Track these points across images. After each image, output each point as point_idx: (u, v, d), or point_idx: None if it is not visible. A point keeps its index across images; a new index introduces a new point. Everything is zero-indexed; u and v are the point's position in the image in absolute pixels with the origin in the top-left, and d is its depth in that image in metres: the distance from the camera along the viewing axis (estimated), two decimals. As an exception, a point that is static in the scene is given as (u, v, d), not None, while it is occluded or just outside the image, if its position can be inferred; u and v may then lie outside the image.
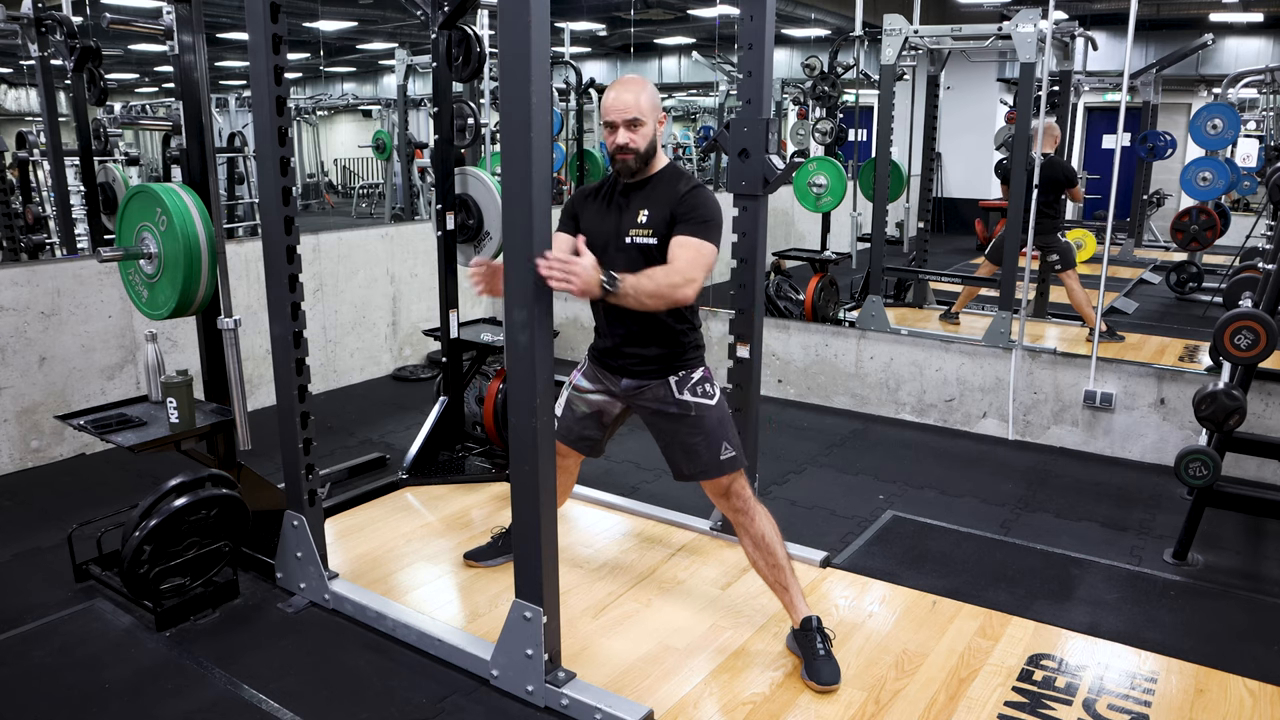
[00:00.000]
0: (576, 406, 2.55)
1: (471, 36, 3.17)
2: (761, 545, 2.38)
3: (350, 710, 2.20)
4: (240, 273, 4.24)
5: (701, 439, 2.35)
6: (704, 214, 2.23)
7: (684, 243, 2.20)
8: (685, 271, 2.16)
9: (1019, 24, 4.82)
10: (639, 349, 2.37)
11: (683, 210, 2.23)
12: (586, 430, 2.55)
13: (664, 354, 2.35)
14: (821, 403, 4.74)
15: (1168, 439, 3.85)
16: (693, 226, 2.21)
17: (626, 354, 2.38)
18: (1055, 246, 5.33)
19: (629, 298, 2.09)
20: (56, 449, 3.85)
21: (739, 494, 2.37)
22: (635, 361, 2.38)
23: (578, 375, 2.56)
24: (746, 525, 2.38)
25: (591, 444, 2.58)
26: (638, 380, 2.39)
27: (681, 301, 2.17)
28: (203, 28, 2.55)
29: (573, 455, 2.63)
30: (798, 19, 8.87)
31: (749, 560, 2.43)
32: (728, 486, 2.37)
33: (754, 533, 2.38)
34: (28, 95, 5.14)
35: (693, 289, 2.16)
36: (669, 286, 2.13)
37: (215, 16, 6.68)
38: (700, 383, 2.38)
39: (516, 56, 1.86)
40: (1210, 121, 6.13)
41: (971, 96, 9.86)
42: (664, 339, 2.35)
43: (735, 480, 2.37)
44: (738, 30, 2.70)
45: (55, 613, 2.64)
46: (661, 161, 2.32)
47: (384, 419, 4.48)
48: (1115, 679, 2.31)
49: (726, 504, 2.40)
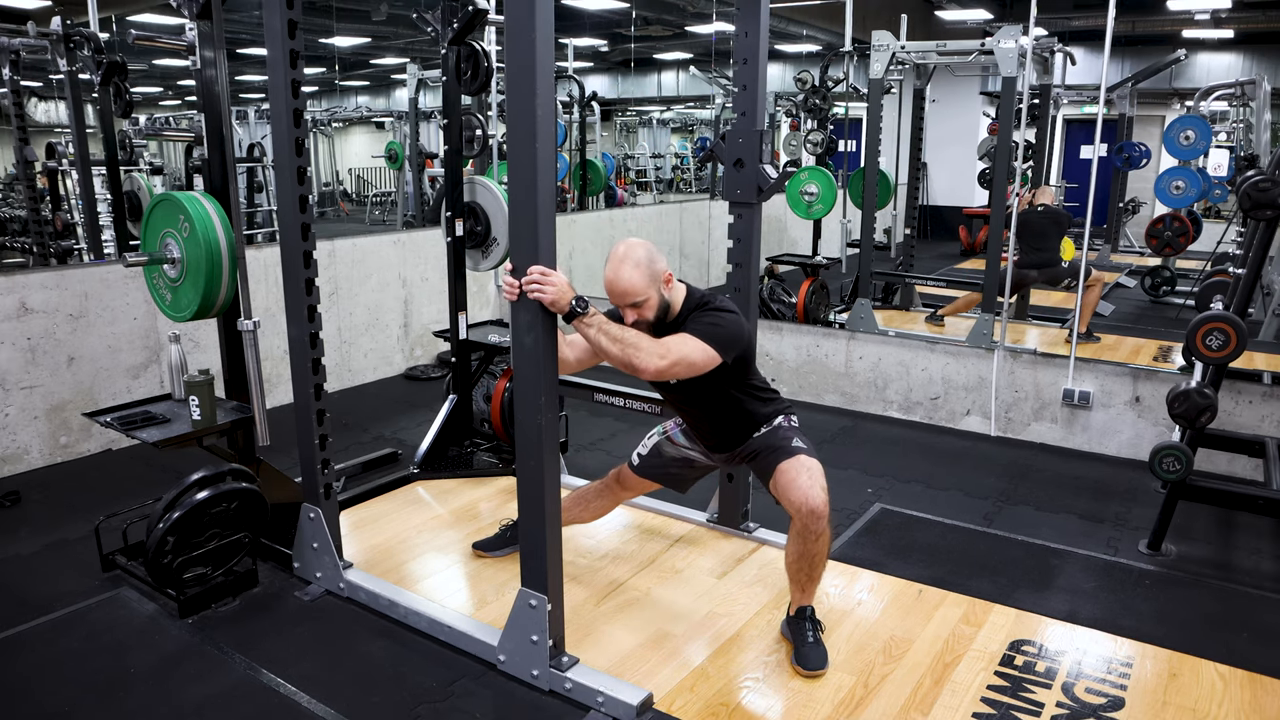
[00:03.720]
0: (667, 451, 2.61)
1: (480, 52, 3.19)
2: (808, 559, 2.31)
3: (364, 693, 2.23)
4: (259, 277, 4.26)
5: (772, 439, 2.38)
6: (710, 320, 2.20)
7: (678, 334, 2.17)
8: (657, 347, 2.10)
9: (1001, 40, 4.91)
10: (720, 434, 2.45)
11: (693, 319, 2.22)
12: (676, 470, 2.62)
13: (748, 424, 2.42)
14: (813, 401, 4.78)
15: (1143, 435, 3.90)
16: (692, 327, 2.19)
17: (711, 438, 2.48)
18: (1062, 274, 5.52)
19: (590, 330, 2.07)
20: (84, 445, 3.89)
21: (815, 509, 2.21)
22: (721, 442, 2.48)
23: (674, 429, 2.62)
24: (809, 541, 2.27)
25: (679, 481, 2.65)
26: (727, 453, 2.49)
27: (638, 370, 2.08)
28: (223, 44, 2.58)
29: (637, 489, 2.69)
30: (790, 35, 8.95)
31: (786, 560, 2.37)
32: (805, 495, 2.21)
33: (809, 549, 2.28)
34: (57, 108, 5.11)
35: (653, 367, 2.07)
36: (632, 349, 2.07)
37: (235, 33, 6.74)
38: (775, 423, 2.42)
39: (522, 71, 1.88)
40: (1183, 133, 6.24)
41: (956, 109, 9.96)
42: (740, 422, 2.41)
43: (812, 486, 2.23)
44: (733, 46, 2.72)
45: (83, 601, 2.67)
46: (680, 299, 2.29)
47: (396, 416, 4.51)
48: (1093, 664, 2.35)
49: (801, 516, 2.24)
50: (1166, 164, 7.28)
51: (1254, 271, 3.07)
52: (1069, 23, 8.98)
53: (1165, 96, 10.42)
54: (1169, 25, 9.25)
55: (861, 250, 5.60)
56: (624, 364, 2.10)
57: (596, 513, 2.80)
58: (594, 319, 2.09)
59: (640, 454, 2.66)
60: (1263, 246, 3.08)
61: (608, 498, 2.76)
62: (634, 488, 2.71)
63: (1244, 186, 2.94)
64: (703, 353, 2.15)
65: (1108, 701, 2.20)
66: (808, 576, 2.37)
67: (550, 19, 1.90)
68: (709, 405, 2.40)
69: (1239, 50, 10.02)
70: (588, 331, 2.10)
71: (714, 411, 2.41)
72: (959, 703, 2.20)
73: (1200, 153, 6.47)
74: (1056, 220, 5.53)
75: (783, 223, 8.36)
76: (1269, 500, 2.95)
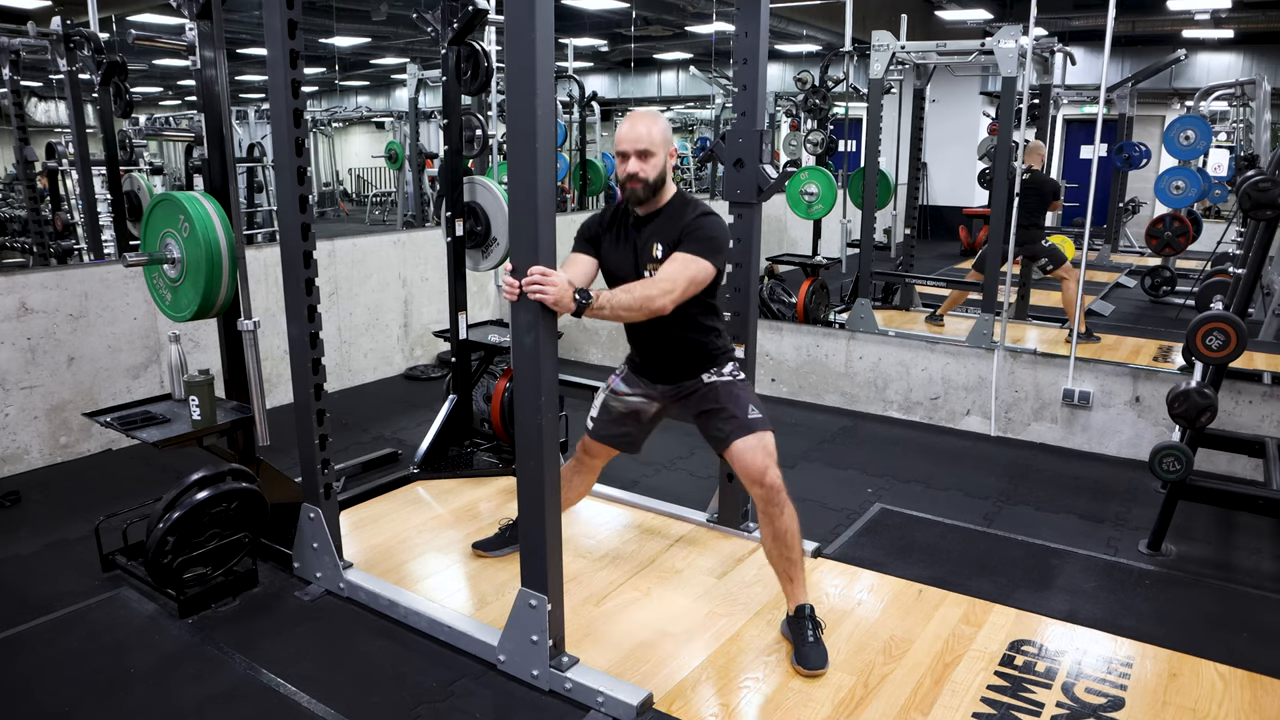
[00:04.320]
0: (613, 408, 2.62)
1: (479, 52, 3.19)
2: (781, 538, 2.36)
3: (364, 693, 2.23)
4: (259, 277, 4.25)
5: (728, 401, 2.42)
6: (706, 233, 2.28)
7: (675, 257, 2.25)
8: (662, 283, 2.18)
9: (1001, 40, 4.91)
10: (672, 360, 2.48)
11: (688, 232, 2.28)
12: (624, 427, 2.63)
13: (695, 360, 2.47)
14: (813, 401, 4.79)
15: (1143, 435, 3.90)
16: (691, 245, 2.26)
17: (662, 366, 2.50)
18: (1041, 251, 5.45)
19: (604, 310, 2.12)
20: (84, 445, 3.89)
21: (773, 484, 2.32)
22: (670, 370, 2.50)
23: (616, 380, 2.64)
24: (775, 516, 2.35)
25: (629, 440, 2.65)
26: (674, 384, 2.51)
27: (657, 312, 2.17)
28: (223, 44, 2.57)
29: (603, 455, 2.70)
30: (790, 35, 8.96)
31: (764, 549, 2.43)
32: (764, 470, 2.32)
33: (778, 526, 2.35)
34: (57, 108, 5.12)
35: (669, 299, 2.17)
36: (644, 299, 2.16)
37: (235, 33, 6.75)
38: (726, 371, 2.49)
39: (522, 71, 1.88)
40: (1183, 133, 6.25)
41: (956, 109, 9.98)
42: (692, 349, 2.46)
43: (770, 465, 2.33)
44: (733, 46, 2.73)
45: (83, 601, 2.67)
46: (670, 192, 2.37)
47: (396, 416, 4.52)
48: (1093, 664, 2.35)
49: (761, 491, 2.34)
50: (1166, 164, 7.30)
51: (1254, 271, 3.07)
52: (1069, 23, 8.99)
53: (1165, 96, 10.44)
54: (1169, 25, 9.27)
55: (861, 250, 5.61)
56: (645, 312, 2.17)
57: (580, 490, 2.80)
58: (601, 299, 2.12)
59: (593, 416, 2.68)
60: (1263, 246, 3.08)
61: (584, 472, 2.76)
62: (599, 454, 2.71)
63: (1244, 186, 2.95)
64: (703, 269, 2.26)
65: (1108, 701, 2.20)
66: (787, 559, 2.39)
67: (550, 19, 1.90)
68: (668, 326, 2.37)
69: (1239, 50, 10.03)
70: (601, 312, 2.12)
71: (671, 334, 2.42)
72: (959, 703, 2.20)
73: (1200, 153, 6.49)
74: (1039, 188, 5.28)
75: (783, 223, 8.37)
76: (1269, 500, 2.95)
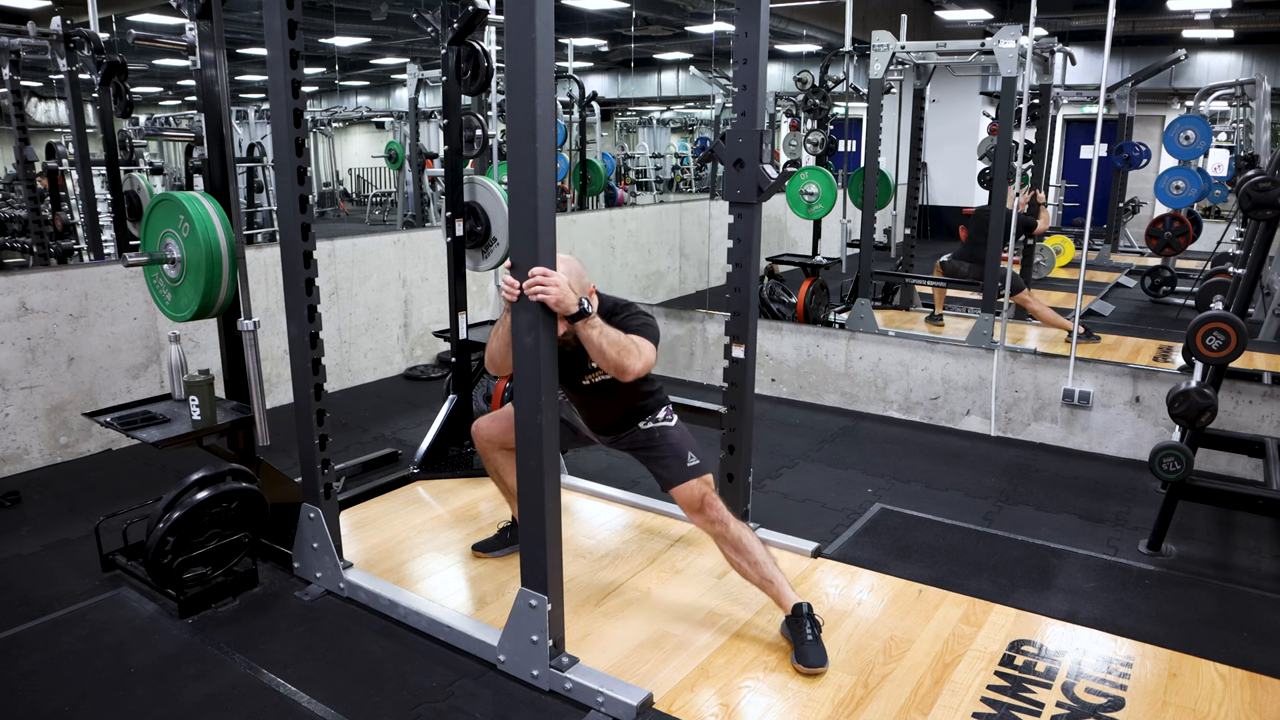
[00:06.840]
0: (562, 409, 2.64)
1: (479, 52, 3.19)
2: (740, 548, 2.43)
3: (365, 693, 2.23)
4: (259, 277, 4.27)
5: (668, 450, 2.52)
6: (642, 322, 2.39)
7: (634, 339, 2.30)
8: (644, 355, 2.28)
9: (1001, 40, 4.91)
10: (612, 418, 2.59)
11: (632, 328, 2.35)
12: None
13: (633, 415, 2.58)
14: (813, 401, 4.79)
15: (1142, 435, 3.91)
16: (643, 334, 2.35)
17: (601, 420, 2.62)
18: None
19: (594, 331, 2.17)
20: (84, 445, 3.89)
21: (711, 505, 2.44)
22: (610, 425, 2.61)
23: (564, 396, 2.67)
24: (723, 533, 2.43)
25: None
26: (612, 436, 2.62)
27: (623, 371, 2.24)
28: (223, 44, 2.58)
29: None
30: (790, 35, 8.94)
31: (732, 566, 2.47)
32: (701, 499, 2.44)
33: (731, 538, 2.43)
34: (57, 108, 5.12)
35: (640, 366, 2.26)
36: (627, 350, 2.22)
37: (235, 33, 6.74)
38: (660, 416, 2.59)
39: (522, 71, 1.88)
40: (1183, 133, 6.24)
41: (956, 109, 9.96)
42: (631, 409, 2.57)
43: (706, 493, 2.45)
44: (733, 46, 2.70)
45: (83, 600, 2.67)
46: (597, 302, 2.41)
47: (396, 416, 4.52)
48: (1092, 664, 2.36)
49: (702, 518, 2.45)
50: (1166, 164, 7.28)
51: (1254, 271, 3.08)
52: (1069, 23, 8.99)
53: (1165, 96, 10.44)
54: (1169, 25, 9.26)
55: (861, 250, 5.62)
56: (616, 364, 2.24)
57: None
58: (597, 321, 2.19)
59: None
60: (1263, 246, 3.09)
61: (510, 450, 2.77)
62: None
63: (1244, 186, 2.95)
64: (652, 350, 2.37)
65: (1108, 701, 2.21)
66: (753, 563, 2.44)
67: (550, 19, 1.90)
68: (607, 393, 2.53)
69: (1239, 50, 10.02)
70: (591, 332, 2.18)
71: (610, 399, 2.55)
72: (959, 703, 2.20)
73: (1200, 153, 6.47)
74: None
75: (783, 223, 8.36)
76: (1269, 500, 2.95)
